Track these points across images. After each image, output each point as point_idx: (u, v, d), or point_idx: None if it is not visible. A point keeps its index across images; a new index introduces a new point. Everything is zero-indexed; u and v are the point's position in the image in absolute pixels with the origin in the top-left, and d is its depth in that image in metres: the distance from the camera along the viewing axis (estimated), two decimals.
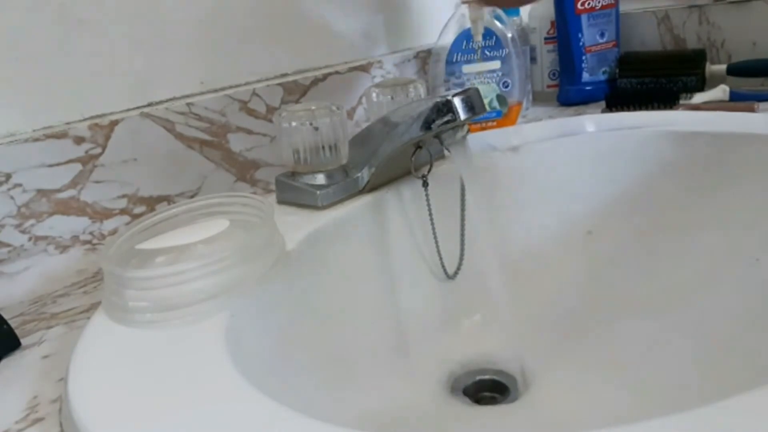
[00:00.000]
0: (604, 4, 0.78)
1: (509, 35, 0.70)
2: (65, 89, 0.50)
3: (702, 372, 0.41)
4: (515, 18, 0.81)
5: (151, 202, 0.53)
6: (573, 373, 0.47)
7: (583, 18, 0.78)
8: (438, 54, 0.74)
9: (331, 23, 0.69)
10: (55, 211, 0.48)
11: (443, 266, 0.54)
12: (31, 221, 0.47)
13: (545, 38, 0.83)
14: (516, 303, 0.48)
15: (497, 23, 0.70)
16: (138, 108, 0.53)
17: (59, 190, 0.48)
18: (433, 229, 0.52)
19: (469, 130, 0.47)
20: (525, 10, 0.84)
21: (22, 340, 0.38)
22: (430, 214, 0.51)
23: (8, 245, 0.46)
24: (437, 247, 0.53)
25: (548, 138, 0.61)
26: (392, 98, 0.56)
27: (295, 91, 0.62)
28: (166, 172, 0.54)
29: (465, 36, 0.70)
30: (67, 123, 0.50)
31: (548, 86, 0.85)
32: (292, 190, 0.51)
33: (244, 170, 0.59)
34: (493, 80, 0.71)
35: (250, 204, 0.42)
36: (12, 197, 0.46)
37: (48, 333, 0.40)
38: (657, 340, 0.47)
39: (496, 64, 0.70)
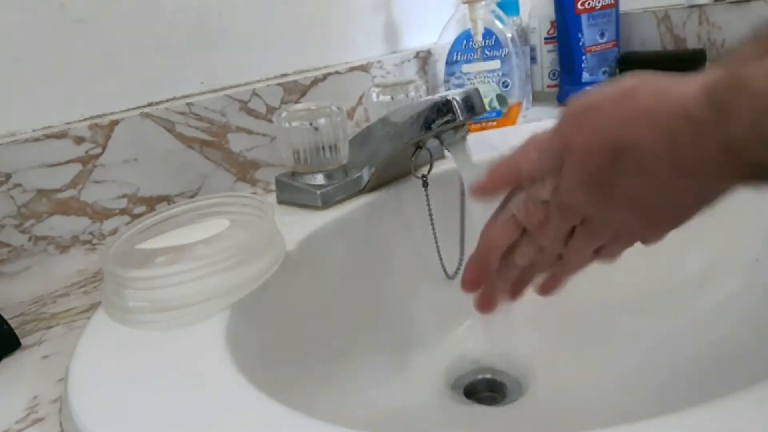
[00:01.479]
0: (604, 4, 0.78)
1: (509, 35, 0.70)
2: (65, 89, 0.50)
3: (701, 372, 0.41)
4: (515, 18, 0.81)
5: (151, 202, 0.53)
6: (573, 372, 0.47)
7: (583, 18, 0.78)
8: (438, 54, 0.74)
9: (331, 23, 0.69)
10: (55, 211, 0.48)
11: (443, 266, 0.54)
12: (31, 221, 0.47)
13: (545, 38, 0.83)
14: (515, 303, 0.48)
15: (497, 23, 0.70)
16: (138, 108, 0.53)
17: (59, 190, 0.48)
18: (433, 229, 0.52)
19: (469, 130, 0.47)
20: (525, 10, 0.84)
21: (22, 340, 0.38)
22: (430, 214, 0.51)
23: (8, 245, 0.46)
24: (437, 247, 0.52)
25: None
26: (392, 98, 0.56)
27: (295, 91, 0.62)
28: (166, 172, 0.54)
29: (465, 36, 0.70)
30: (67, 123, 0.50)
31: (548, 86, 0.85)
32: (292, 190, 0.51)
33: (244, 170, 0.59)
34: (493, 80, 0.71)
35: (250, 204, 0.42)
36: (12, 197, 0.46)
37: (48, 333, 0.40)
38: (656, 339, 0.47)
39: (495, 64, 0.70)
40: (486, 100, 0.70)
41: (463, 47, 0.71)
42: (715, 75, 0.24)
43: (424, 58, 0.76)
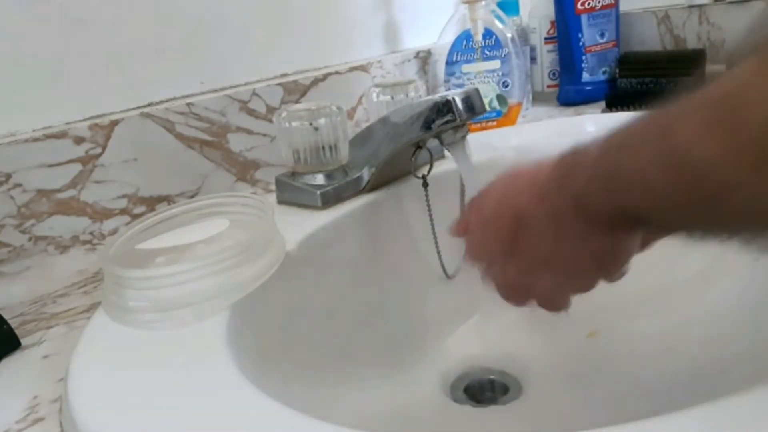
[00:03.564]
0: (604, 4, 0.78)
1: (509, 35, 0.70)
2: (65, 89, 0.50)
3: (701, 372, 0.41)
4: (515, 18, 0.81)
5: (151, 202, 0.53)
6: (572, 372, 0.47)
7: (583, 18, 0.78)
8: (438, 54, 0.74)
9: (331, 23, 0.69)
10: (55, 211, 0.48)
11: (443, 266, 0.54)
12: (31, 221, 0.47)
13: (545, 38, 0.83)
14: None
15: (497, 23, 0.70)
16: (138, 108, 0.53)
17: (59, 190, 0.48)
18: (433, 229, 0.52)
19: (469, 130, 0.47)
20: (525, 10, 0.85)
21: (22, 340, 0.38)
22: (430, 215, 0.51)
23: (8, 245, 0.46)
24: (437, 247, 0.52)
25: (548, 138, 0.61)
26: (392, 98, 0.56)
27: (295, 91, 0.62)
28: (166, 172, 0.54)
29: (465, 36, 0.70)
30: (67, 123, 0.50)
31: (548, 86, 0.85)
32: (292, 190, 0.51)
33: (244, 170, 0.59)
34: (493, 80, 0.71)
35: (250, 204, 0.42)
36: (12, 197, 0.46)
37: (48, 333, 0.40)
38: (656, 339, 0.47)
39: (495, 64, 0.70)
40: (486, 100, 0.70)
41: (463, 47, 0.71)
42: (572, 147, 0.30)
43: (424, 58, 0.77)
